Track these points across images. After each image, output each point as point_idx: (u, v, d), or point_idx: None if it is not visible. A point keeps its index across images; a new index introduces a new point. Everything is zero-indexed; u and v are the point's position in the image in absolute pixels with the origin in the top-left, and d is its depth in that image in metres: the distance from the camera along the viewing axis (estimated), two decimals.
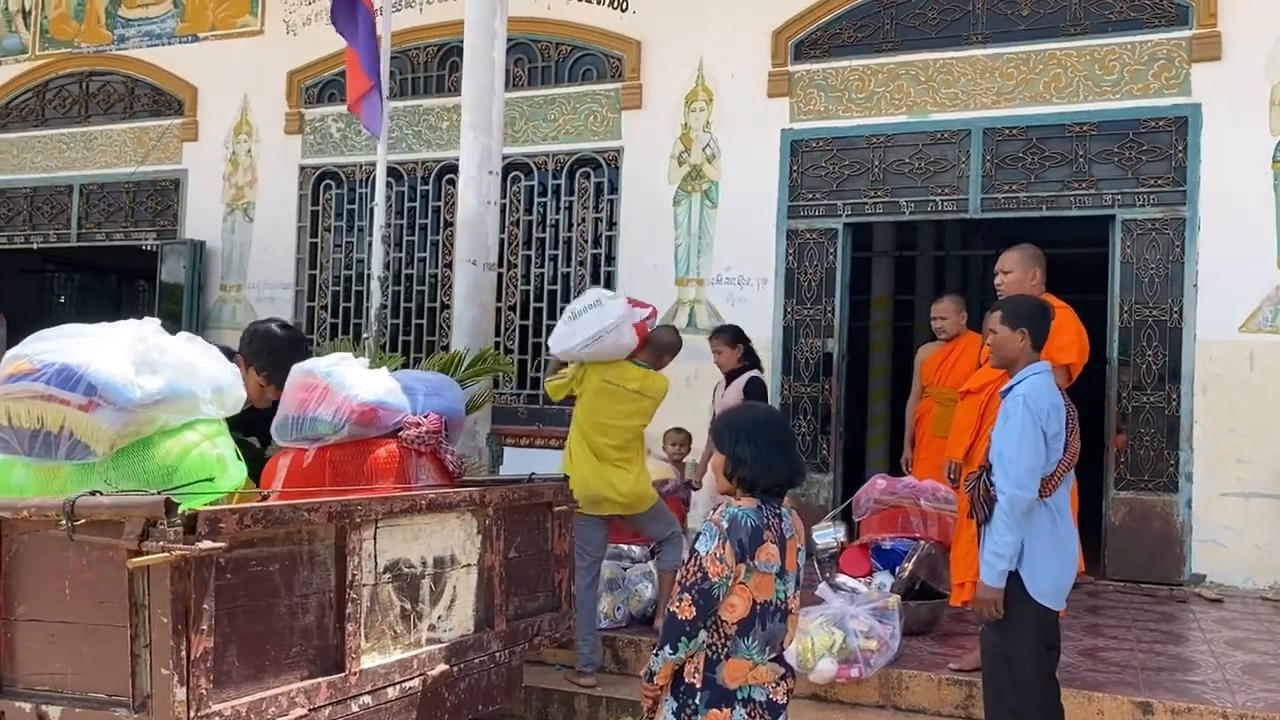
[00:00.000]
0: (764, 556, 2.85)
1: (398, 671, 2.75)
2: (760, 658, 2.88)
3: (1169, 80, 7.41)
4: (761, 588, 2.86)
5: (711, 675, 2.85)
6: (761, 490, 2.94)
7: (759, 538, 2.85)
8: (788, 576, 2.94)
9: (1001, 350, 4.02)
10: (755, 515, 2.87)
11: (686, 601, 2.80)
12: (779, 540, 2.91)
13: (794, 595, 3.00)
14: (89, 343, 2.60)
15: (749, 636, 2.86)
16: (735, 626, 2.85)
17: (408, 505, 2.82)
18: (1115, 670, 4.90)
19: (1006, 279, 4.90)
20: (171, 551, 2.15)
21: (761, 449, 2.93)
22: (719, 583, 2.79)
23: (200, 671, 2.21)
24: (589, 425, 5.11)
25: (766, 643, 2.89)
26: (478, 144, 5.92)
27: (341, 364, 3.28)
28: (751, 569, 2.84)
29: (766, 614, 2.87)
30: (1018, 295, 4.37)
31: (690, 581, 2.81)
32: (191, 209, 10.41)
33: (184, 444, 2.67)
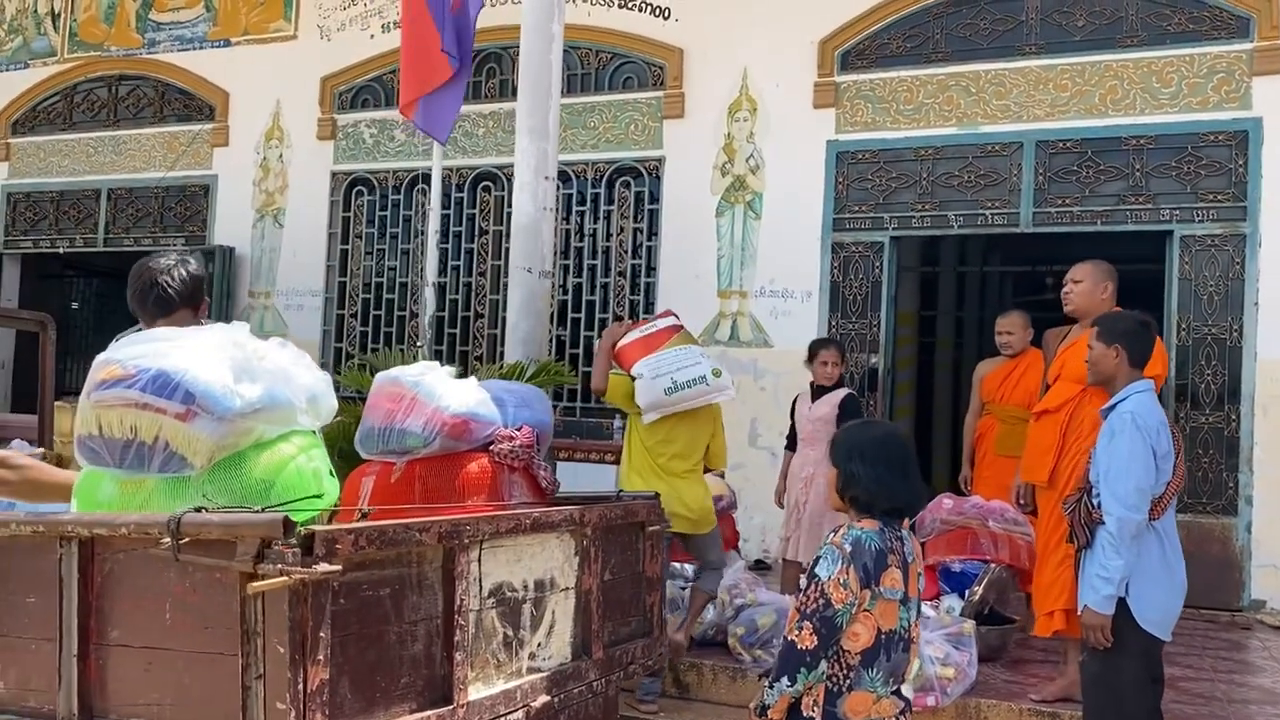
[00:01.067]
0: (889, 582, 2.70)
1: (502, 703, 2.57)
2: (884, 690, 2.71)
3: (1229, 94, 7.26)
4: (886, 616, 2.70)
5: (832, 709, 2.68)
6: (880, 512, 2.78)
7: (884, 562, 2.69)
8: (911, 603, 2.78)
9: (1097, 367, 3.85)
10: (879, 538, 2.71)
11: (807, 630, 2.63)
12: (902, 565, 2.75)
13: (916, 623, 2.83)
14: (185, 347, 2.42)
15: (874, 668, 2.69)
16: (859, 657, 2.68)
17: (513, 525, 2.64)
18: (1201, 702, 4.71)
19: (1076, 289, 4.74)
20: (290, 575, 1.97)
21: (879, 469, 2.77)
22: (842, 610, 2.64)
23: (316, 705, 2.03)
24: (653, 439, 4.93)
25: (891, 674, 2.72)
26: (534, 148, 5.75)
27: (429, 373, 3.11)
28: (876, 595, 2.68)
29: (891, 643, 2.71)
30: (1115, 311, 4.19)
31: (811, 609, 2.65)
32: (221, 214, 10.27)
33: (280, 457, 2.50)
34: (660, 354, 4.90)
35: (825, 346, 6.22)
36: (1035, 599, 4.65)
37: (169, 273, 2.93)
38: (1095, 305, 4.57)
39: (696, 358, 4.97)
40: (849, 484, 2.80)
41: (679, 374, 4.83)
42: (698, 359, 4.96)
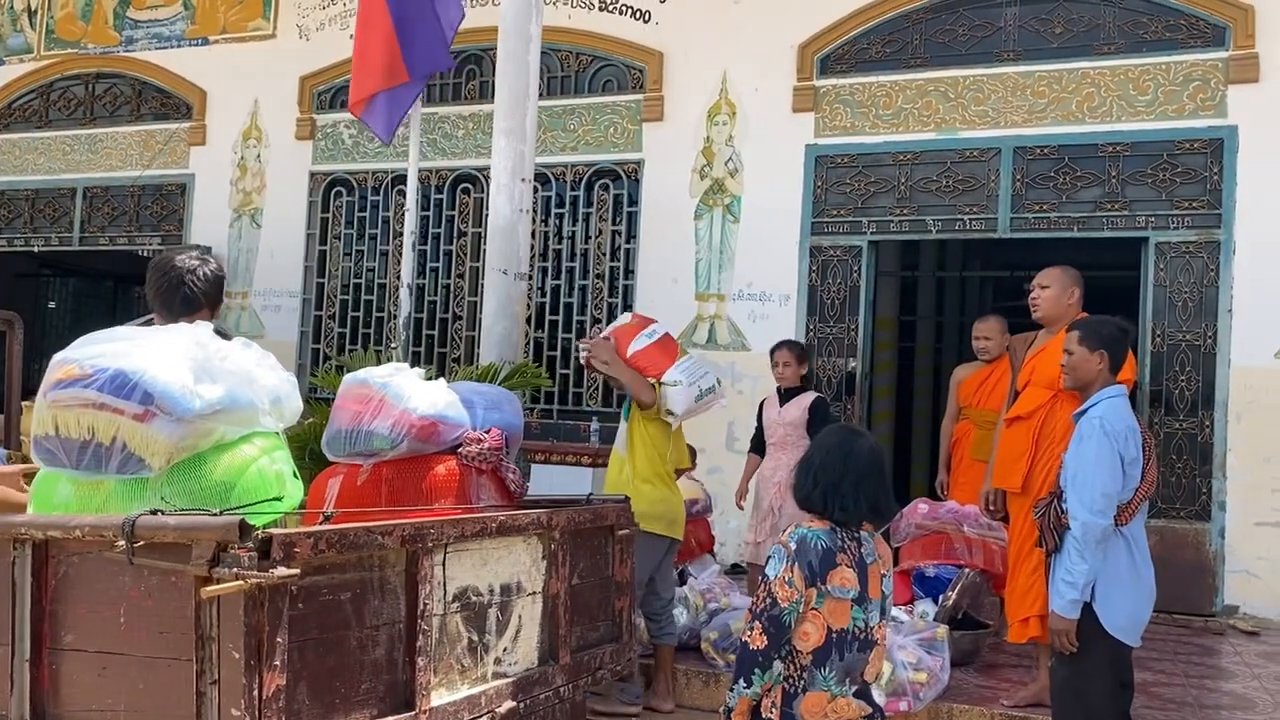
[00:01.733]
0: (837, 580, 2.72)
1: (466, 710, 2.54)
2: (839, 689, 2.72)
3: (1204, 101, 7.30)
4: (836, 614, 2.71)
5: (790, 710, 2.70)
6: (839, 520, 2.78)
7: (831, 561, 2.71)
8: (870, 604, 2.78)
9: (1078, 372, 3.86)
10: (827, 537, 2.73)
11: (757, 630, 2.67)
12: (856, 565, 2.75)
13: (879, 625, 2.82)
14: (144, 347, 2.39)
15: (826, 666, 2.71)
16: (810, 656, 2.71)
17: (478, 529, 2.61)
18: (1174, 708, 4.72)
19: (1044, 294, 4.74)
20: (246, 579, 1.94)
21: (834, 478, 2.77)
22: (789, 608, 2.66)
23: (272, 712, 2.00)
24: (666, 445, 4.90)
25: (846, 674, 2.74)
26: (510, 150, 5.73)
27: (398, 374, 3.08)
28: (824, 594, 2.70)
29: (844, 643, 2.72)
30: (1097, 317, 4.21)
31: (760, 608, 2.68)
32: (198, 214, 10.19)
33: (242, 459, 2.46)
34: (683, 361, 4.94)
35: (778, 348, 6.24)
36: (1009, 605, 4.65)
37: (195, 272, 2.90)
38: (1063, 311, 4.58)
39: (704, 365, 5.17)
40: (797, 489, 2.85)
41: (701, 381, 4.89)
42: (705, 367, 5.12)
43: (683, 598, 5.36)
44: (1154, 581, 3.76)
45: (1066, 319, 4.53)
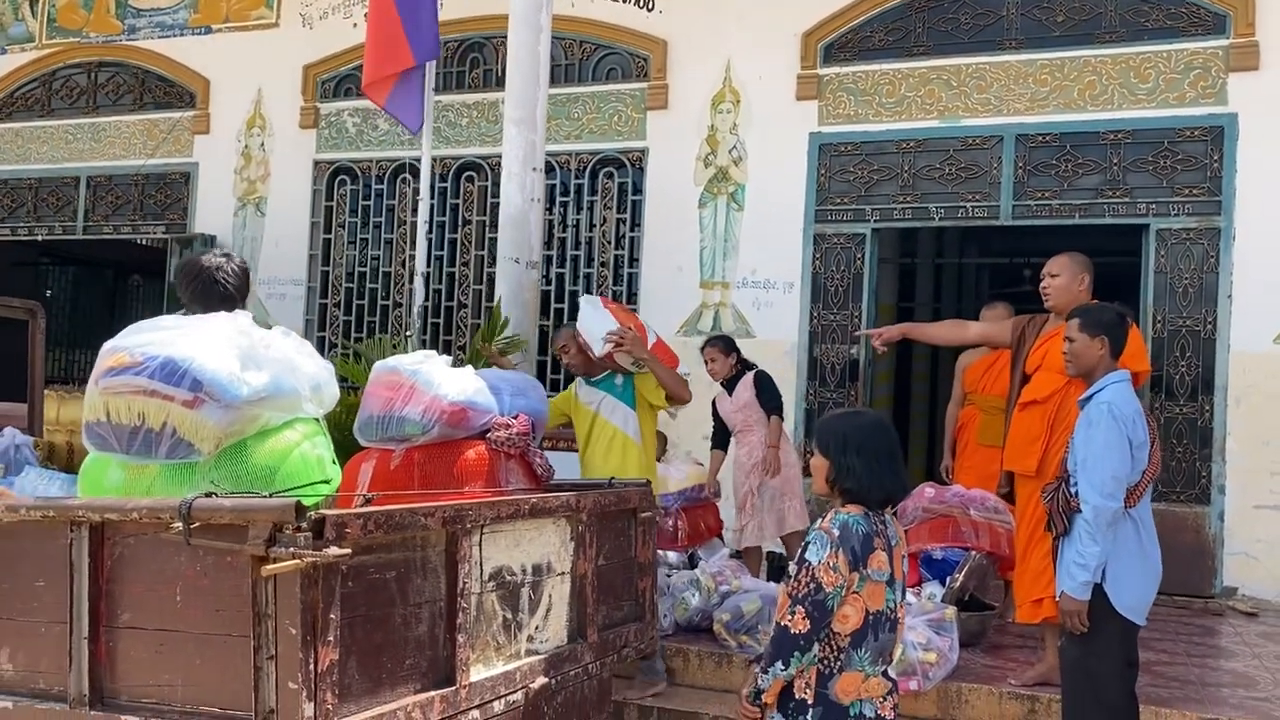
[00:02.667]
0: (875, 565, 2.78)
1: (503, 684, 2.63)
2: (872, 669, 2.80)
3: (1205, 89, 7.37)
4: (874, 597, 2.78)
5: (824, 691, 2.76)
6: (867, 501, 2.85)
7: (870, 545, 2.78)
8: (896, 585, 2.87)
9: (1080, 358, 3.94)
10: (865, 522, 2.80)
11: (800, 614, 2.71)
12: (887, 548, 2.84)
13: (901, 605, 2.92)
14: (192, 335, 2.46)
15: (862, 648, 2.78)
16: (849, 638, 2.77)
17: (512, 511, 2.69)
18: (1177, 685, 4.82)
19: (1054, 283, 4.79)
20: (302, 558, 2.02)
21: (870, 460, 2.84)
22: (833, 593, 2.72)
23: (326, 685, 2.08)
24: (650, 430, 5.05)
25: (879, 654, 2.82)
26: (521, 139, 5.80)
27: (427, 362, 3.16)
28: (865, 577, 2.76)
29: (879, 624, 2.80)
30: (1095, 303, 4.28)
31: (803, 593, 2.72)
32: (202, 203, 10.23)
33: (285, 444, 2.54)
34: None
35: (703, 348, 6.52)
36: (1020, 586, 4.74)
37: (224, 268, 2.96)
38: (1073, 298, 4.65)
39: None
40: (843, 475, 2.85)
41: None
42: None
43: (694, 580, 5.45)
44: (1160, 561, 3.84)
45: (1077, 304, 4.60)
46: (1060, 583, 3.81)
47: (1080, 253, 4.92)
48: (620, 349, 4.72)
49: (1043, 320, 4.90)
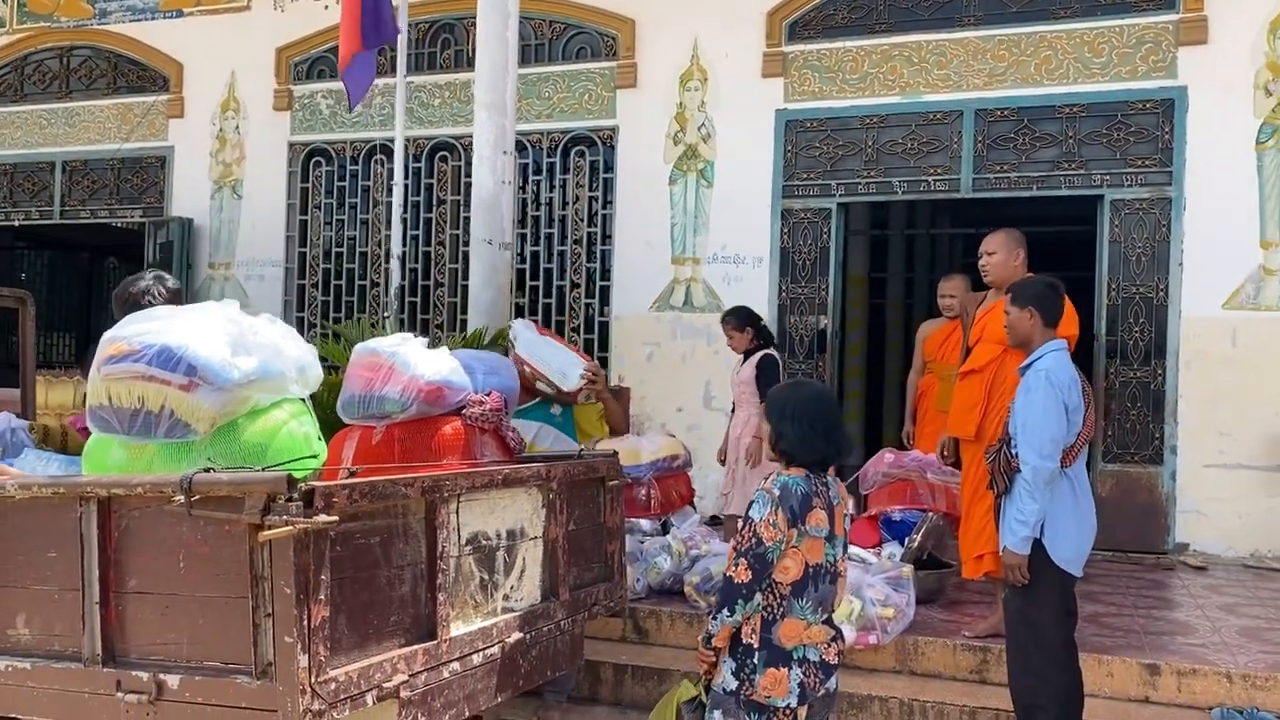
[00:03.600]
0: (813, 521, 3.03)
1: (480, 639, 2.86)
2: (814, 618, 3.05)
3: (1156, 63, 7.61)
4: (813, 551, 3.03)
5: (768, 635, 3.01)
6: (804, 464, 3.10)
7: (808, 504, 3.02)
8: (836, 541, 3.12)
9: (1015, 330, 4.19)
10: (804, 483, 3.05)
11: (743, 565, 2.98)
12: (827, 506, 3.09)
13: (842, 559, 3.17)
14: (185, 325, 2.66)
15: (803, 597, 3.03)
16: (789, 588, 3.01)
17: (486, 480, 2.92)
18: (1120, 635, 5.11)
19: (991, 260, 5.04)
20: (295, 525, 2.23)
21: (803, 427, 3.10)
22: (773, 547, 2.97)
23: (319, 639, 2.30)
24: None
25: (819, 604, 3.07)
26: (492, 123, 5.98)
27: (405, 344, 3.36)
28: (803, 533, 3.01)
29: (818, 576, 3.04)
30: (1026, 277, 4.53)
31: (745, 547, 2.98)
32: (178, 186, 10.33)
33: (274, 422, 2.75)
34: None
35: (721, 322, 6.62)
36: (963, 544, 5.01)
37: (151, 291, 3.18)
38: (1010, 273, 4.90)
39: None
40: (779, 440, 3.14)
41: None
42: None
43: (666, 546, 5.69)
44: (1095, 516, 4.11)
45: (1014, 278, 4.85)
46: (1003, 538, 4.07)
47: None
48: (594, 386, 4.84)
49: (983, 296, 5.14)
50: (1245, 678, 4.49)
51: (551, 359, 4.80)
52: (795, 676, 3.01)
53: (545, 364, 4.75)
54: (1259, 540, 7.28)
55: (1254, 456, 7.29)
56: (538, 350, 4.81)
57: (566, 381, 4.75)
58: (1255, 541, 7.28)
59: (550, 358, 4.80)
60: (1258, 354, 7.29)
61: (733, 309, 6.84)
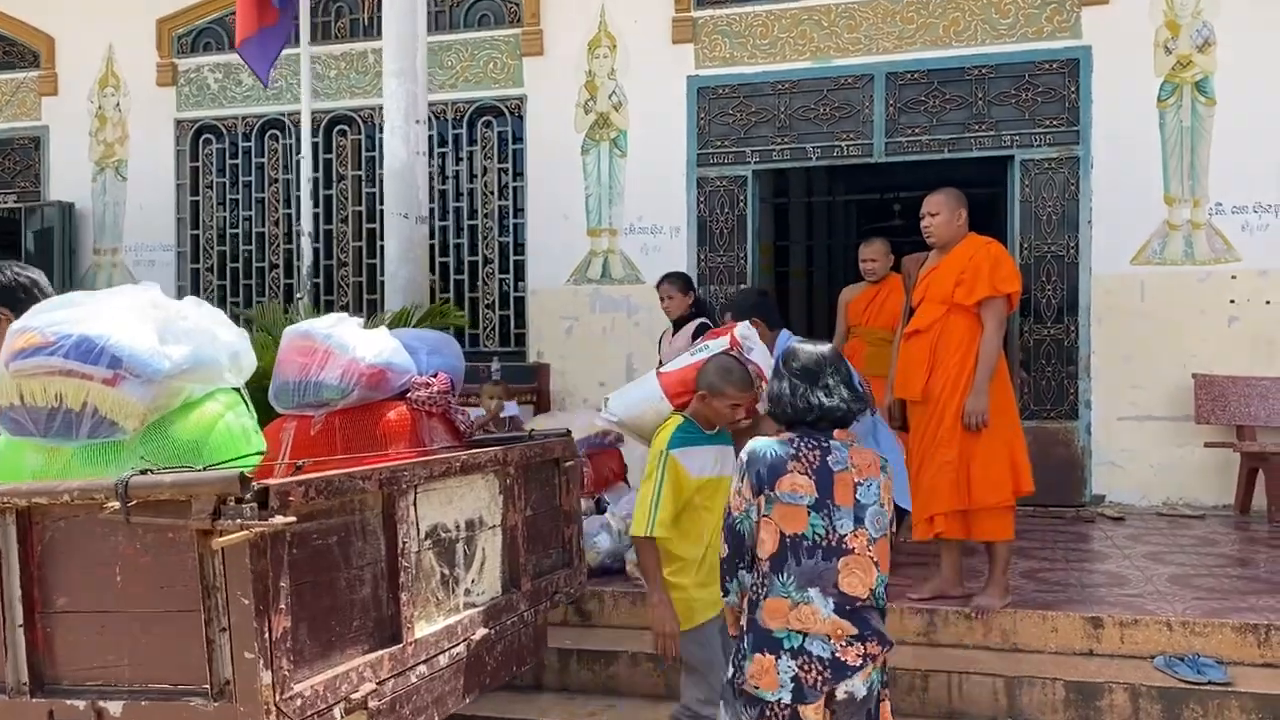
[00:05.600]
0: (786, 487, 2.75)
1: (446, 639, 2.67)
2: (800, 595, 2.71)
3: (1060, 23, 7.69)
4: (788, 520, 2.74)
5: (753, 616, 2.76)
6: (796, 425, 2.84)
7: (780, 468, 2.76)
8: (835, 510, 2.75)
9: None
10: (780, 447, 2.79)
11: (721, 540, 2.86)
12: (815, 471, 2.77)
13: (855, 533, 2.76)
14: (104, 311, 2.39)
15: (783, 573, 2.74)
16: (768, 563, 2.76)
17: (444, 469, 2.72)
18: (1059, 589, 5.16)
19: (935, 220, 4.97)
20: (250, 529, 2.01)
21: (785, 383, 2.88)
22: (740, 517, 2.81)
23: (282, 652, 2.09)
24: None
25: (807, 580, 2.72)
26: (403, 91, 5.70)
27: (340, 324, 3.13)
28: (772, 499, 2.75)
29: (800, 549, 2.73)
30: (740, 291, 4.78)
31: (725, 521, 2.86)
32: (55, 168, 9.71)
33: (209, 416, 2.50)
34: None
35: (661, 282, 6.40)
36: (915, 505, 4.98)
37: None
38: (954, 232, 4.87)
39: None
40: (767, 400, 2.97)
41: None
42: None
43: (604, 525, 5.55)
44: None
45: (957, 239, 4.83)
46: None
47: (944, 186, 5.13)
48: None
49: (923, 256, 5.11)
50: (1184, 625, 4.57)
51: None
52: (787, 668, 2.69)
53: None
54: (1170, 489, 7.49)
55: (1164, 408, 7.49)
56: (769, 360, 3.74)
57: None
58: (1167, 490, 7.49)
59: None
60: (1165, 307, 7.47)
61: (675, 272, 6.70)
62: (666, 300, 6.23)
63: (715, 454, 3.48)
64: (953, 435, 4.75)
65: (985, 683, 4.50)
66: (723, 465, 3.45)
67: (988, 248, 4.86)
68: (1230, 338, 7.35)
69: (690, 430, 3.47)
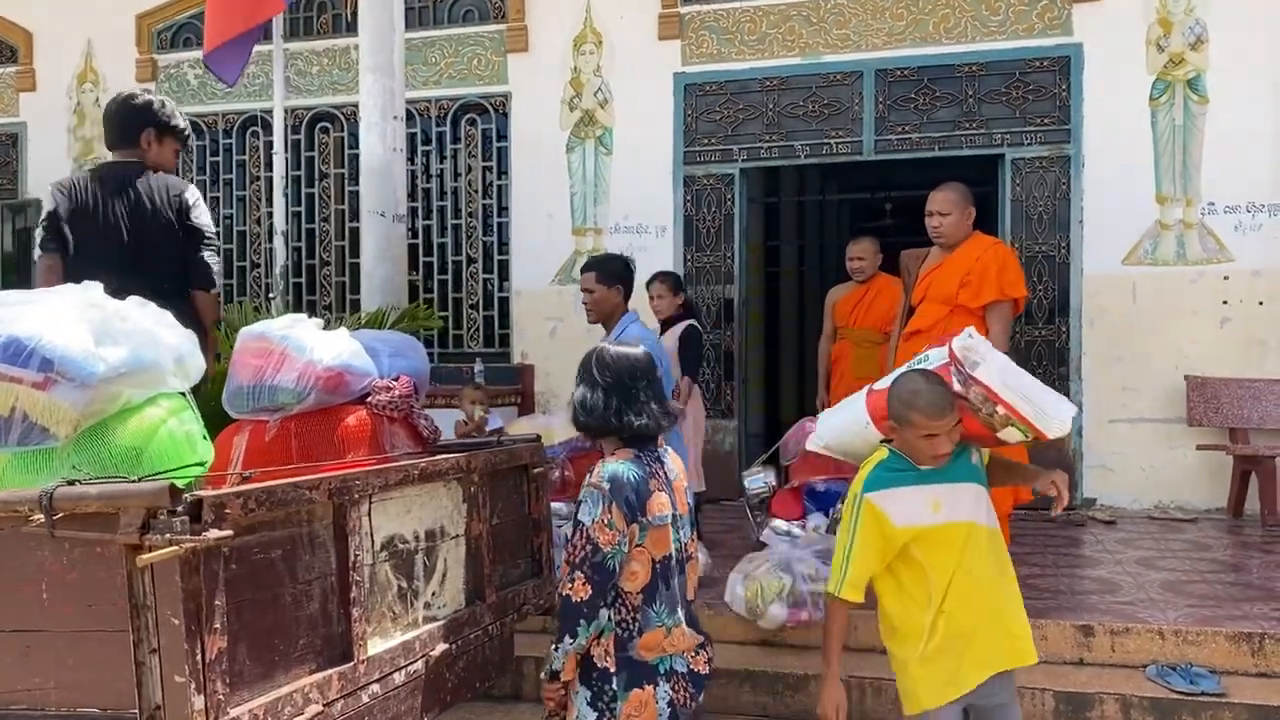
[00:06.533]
0: (655, 509, 2.56)
1: (402, 655, 2.54)
2: (670, 620, 2.59)
3: (1052, 21, 7.58)
4: (658, 543, 2.57)
5: (626, 654, 2.56)
6: (629, 439, 2.63)
7: (646, 489, 2.55)
8: (681, 521, 2.66)
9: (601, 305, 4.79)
10: (636, 466, 2.57)
11: (579, 580, 2.49)
12: (665, 485, 2.62)
13: (692, 539, 2.72)
14: (37, 311, 2.26)
15: (656, 601, 2.57)
16: (640, 596, 2.56)
17: (401, 477, 2.59)
18: (1049, 596, 5.05)
19: (945, 220, 4.82)
20: (180, 544, 1.89)
21: (598, 394, 2.63)
22: (612, 551, 2.49)
23: (216, 675, 1.96)
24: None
25: (674, 602, 2.61)
26: (379, 87, 5.57)
27: (297, 325, 3.00)
28: (646, 526, 2.54)
29: (668, 571, 2.59)
30: (604, 255, 4.88)
31: (580, 557, 2.49)
32: (34, 165, 9.57)
33: (149, 422, 2.37)
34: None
35: (652, 281, 6.18)
36: None
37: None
38: (963, 231, 4.75)
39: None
40: (590, 416, 2.66)
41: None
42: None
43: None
44: None
45: (964, 236, 4.72)
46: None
47: (935, 186, 5.01)
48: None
49: (924, 253, 4.99)
50: (1177, 634, 4.46)
51: (1032, 393, 2.92)
52: (663, 694, 2.56)
53: (1025, 401, 2.86)
54: (1162, 492, 7.39)
55: (1155, 410, 7.38)
56: (1013, 380, 2.91)
57: (1050, 427, 2.90)
58: (1159, 493, 7.39)
59: (1031, 391, 2.92)
60: (1156, 308, 7.37)
61: (666, 271, 6.53)
62: (656, 299, 6.06)
63: (930, 497, 2.81)
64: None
65: None
66: (949, 510, 2.81)
67: (995, 249, 4.75)
68: (1223, 339, 7.25)
69: (896, 467, 2.85)
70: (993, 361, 2.89)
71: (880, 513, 2.83)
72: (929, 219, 4.85)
